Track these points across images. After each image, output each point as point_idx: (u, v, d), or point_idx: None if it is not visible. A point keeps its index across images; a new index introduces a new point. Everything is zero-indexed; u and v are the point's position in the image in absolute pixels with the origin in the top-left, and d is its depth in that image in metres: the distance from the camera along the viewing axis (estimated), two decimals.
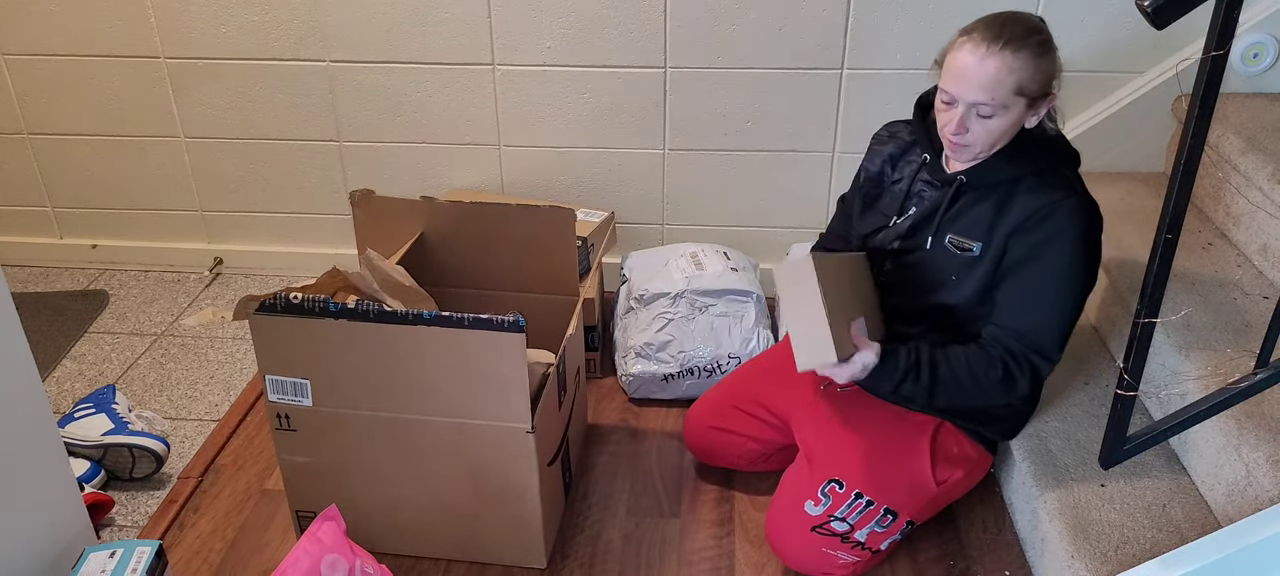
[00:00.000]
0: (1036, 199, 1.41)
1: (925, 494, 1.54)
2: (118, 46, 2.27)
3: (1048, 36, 1.39)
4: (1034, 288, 1.42)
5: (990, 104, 1.36)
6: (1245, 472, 1.37)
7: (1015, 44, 1.34)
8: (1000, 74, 1.34)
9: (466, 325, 1.36)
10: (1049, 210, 1.40)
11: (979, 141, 1.41)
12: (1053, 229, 1.40)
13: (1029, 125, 1.42)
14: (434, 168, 2.35)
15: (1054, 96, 1.41)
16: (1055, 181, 1.42)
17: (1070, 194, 1.41)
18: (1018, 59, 1.34)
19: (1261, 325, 1.42)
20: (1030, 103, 1.38)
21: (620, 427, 1.95)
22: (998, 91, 1.35)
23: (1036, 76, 1.36)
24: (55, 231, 2.57)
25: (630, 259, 2.19)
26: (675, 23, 2.11)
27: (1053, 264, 1.41)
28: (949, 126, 1.41)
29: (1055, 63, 1.39)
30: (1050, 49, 1.38)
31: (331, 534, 1.36)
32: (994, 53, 1.34)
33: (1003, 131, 1.40)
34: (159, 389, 2.09)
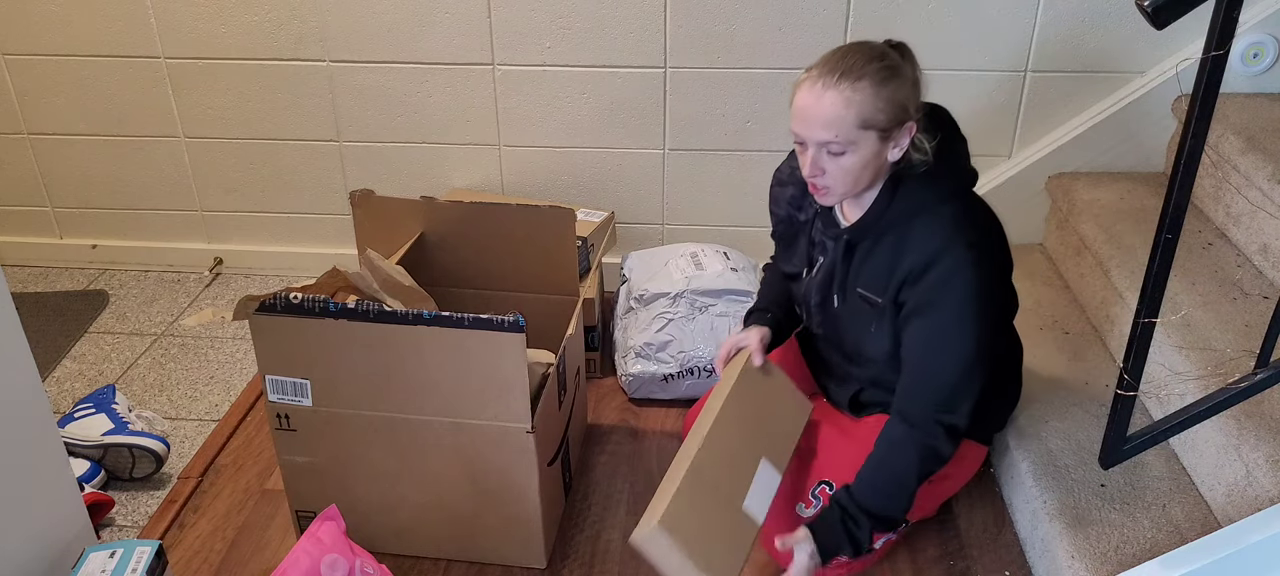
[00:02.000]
0: (924, 246, 1.33)
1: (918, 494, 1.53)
2: (118, 46, 2.27)
3: (894, 62, 1.30)
4: (926, 349, 1.35)
5: (836, 141, 1.29)
6: (1245, 472, 1.37)
7: (852, 75, 1.27)
8: (838, 108, 1.27)
9: (466, 325, 1.36)
10: (934, 258, 1.32)
11: (837, 181, 1.33)
12: (939, 279, 1.32)
13: (892, 158, 1.33)
14: (434, 168, 2.35)
15: (913, 124, 1.32)
16: (939, 224, 1.33)
17: (955, 239, 1.31)
18: (857, 91, 1.27)
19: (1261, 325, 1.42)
20: (882, 134, 1.30)
21: (620, 427, 1.95)
22: (840, 127, 1.28)
23: (881, 106, 1.28)
24: (55, 231, 2.57)
25: (630, 259, 2.19)
26: (675, 23, 2.11)
27: (944, 321, 1.33)
28: (804, 169, 1.35)
29: (906, 89, 1.30)
30: (897, 75, 1.29)
31: (331, 534, 1.36)
32: (830, 87, 1.27)
33: (861, 168, 1.31)
34: (159, 389, 2.09)
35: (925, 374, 1.37)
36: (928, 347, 1.36)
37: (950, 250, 1.31)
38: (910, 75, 1.32)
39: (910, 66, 1.33)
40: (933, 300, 1.33)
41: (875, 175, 1.36)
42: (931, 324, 1.34)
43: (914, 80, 1.33)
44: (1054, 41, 2.06)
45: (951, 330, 1.33)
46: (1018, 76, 2.11)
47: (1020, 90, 2.13)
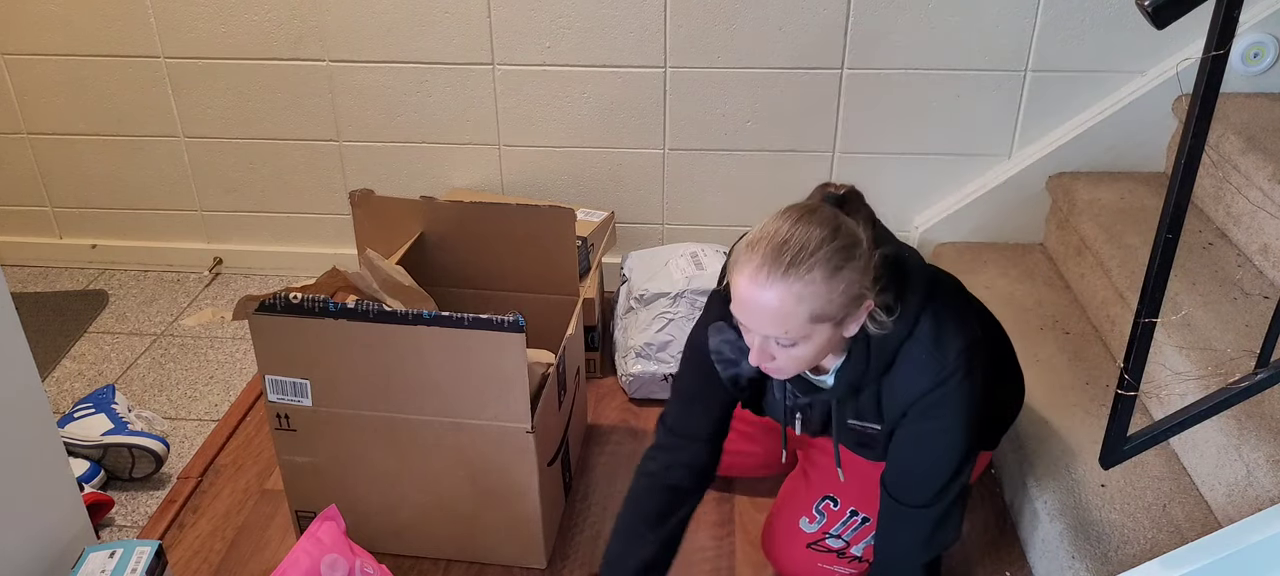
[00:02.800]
0: (911, 385, 1.24)
1: None
2: (118, 46, 2.27)
3: (847, 237, 1.14)
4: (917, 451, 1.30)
5: (786, 336, 1.15)
6: (1245, 472, 1.37)
7: (799, 268, 1.11)
8: (786, 305, 1.12)
9: (466, 325, 1.36)
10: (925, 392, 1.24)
11: (791, 366, 1.21)
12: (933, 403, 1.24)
13: (849, 334, 1.20)
14: (434, 168, 2.35)
15: (870, 302, 1.17)
16: (921, 357, 1.23)
17: (939, 364, 1.22)
18: (807, 285, 1.11)
19: (1261, 325, 1.42)
20: (837, 323, 1.16)
21: (620, 427, 1.95)
22: (790, 323, 1.13)
23: (834, 298, 1.13)
24: (55, 231, 2.57)
25: (630, 259, 2.19)
26: (675, 23, 2.11)
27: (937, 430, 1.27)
28: (752, 357, 1.21)
29: (859, 269, 1.14)
30: (849, 257, 1.13)
31: (331, 534, 1.36)
32: (774, 282, 1.11)
33: (817, 353, 1.19)
34: (159, 389, 2.09)
35: (914, 475, 1.32)
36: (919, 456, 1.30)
37: (940, 381, 1.23)
38: (864, 243, 1.16)
39: (863, 226, 1.17)
40: (926, 418, 1.27)
41: (834, 350, 1.25)
42: (920, 437, 1.28)
43: (869, 245, 1.17)
44: (1054, 41, 2.06)
45: (941, 439, 1.28)
46: (1018, 76, 2.11)
47: (1020, 90, 2.13)
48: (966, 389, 1.24)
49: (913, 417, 1.27)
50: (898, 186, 2.27)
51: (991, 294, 2.07)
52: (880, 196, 2.27)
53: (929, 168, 2.24)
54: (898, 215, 2.30)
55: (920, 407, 1.25)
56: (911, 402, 1.26)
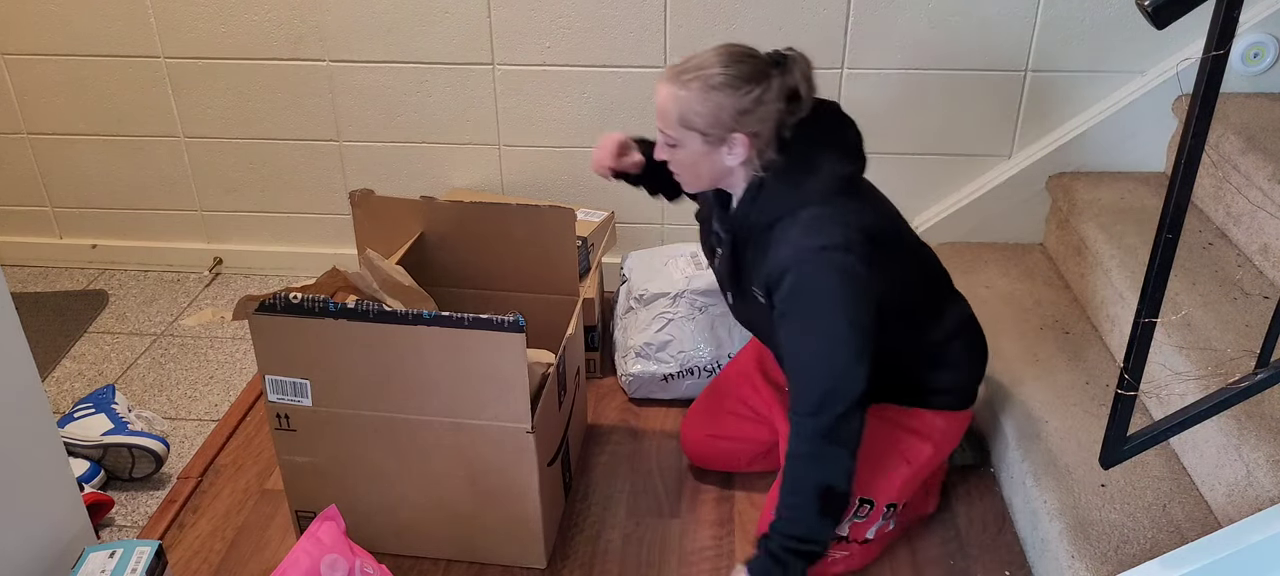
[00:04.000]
0: (778, 255, 1.34)
1: (897, 476, 1.52)
2: (118, 46, 2.27)
3: (740, 73, 1.31)
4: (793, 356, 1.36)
5: (667, 133, 1.37)
6: (1245, 472, 1.37)
7: (687, 76, 1.32)
8: (664, 103, 1.35)
9: (466, 325, 1.36)
10: (786, 267, 1.32)
11: (680, 171, 1.41)
12: (791, 288, 1.32)
13: (730, 164, 1.36)
14: (434, 168, 2.35)
15: (744, 138, 1.33)
16: (792, 232, 1.33)
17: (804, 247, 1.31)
18: (685, 90, 1.32)
19: (1261, 325, 1.42)
20: (705, 138, 1.34)
21: (620, 427, 1.95)
22: (666, 121, 1.35)
23: (701, 112, 1.31)
24: (55, 231, 2.57)
25: (630, 259, 2.19)
26: (675, 23, 2.11)
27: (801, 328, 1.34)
28: (657, 149, 1.43)
29: (737, 101, 1.31)
30: (730, 87, 1.31)
31: (331, 534, 1.36)
32: (667, 80, 1.34)
33: (692, 163, 1.38)
34: (159, 389, 2.09)
35: (796, 380, 1.37)
36: (794, 355, 1.37)
37: (800, 260, 1.32)
38: (759, 91, 1.32)
39: (777, 82, 1.33)
40: (789, 310, 1.34)
41: (719, 174, 1.40)
42: (792, 331, 1.35)
43: (772, 95, 1.32)
44: (1054, 41, 2.06)
45: (809, 337, 1.34)
46: (1018, 76, 2.11)
47: (1020, 90, 2.13)
48: (824, 284, 1.31)
49: (779, 301, 1.36)
50: (898, 186, 2.25)
51: (991, 294, 2.07)
52: None
53: (929, 168, 2.24)
54: None
55: (781, 293, 1.34)
56: (774, 278, 1.35)
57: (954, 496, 1.75)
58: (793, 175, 1.37)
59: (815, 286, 1.32)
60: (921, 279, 1.52)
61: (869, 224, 1.38)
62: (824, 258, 1.32)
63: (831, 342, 1.33)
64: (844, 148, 1.42)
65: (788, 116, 1.35)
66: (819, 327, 1.34)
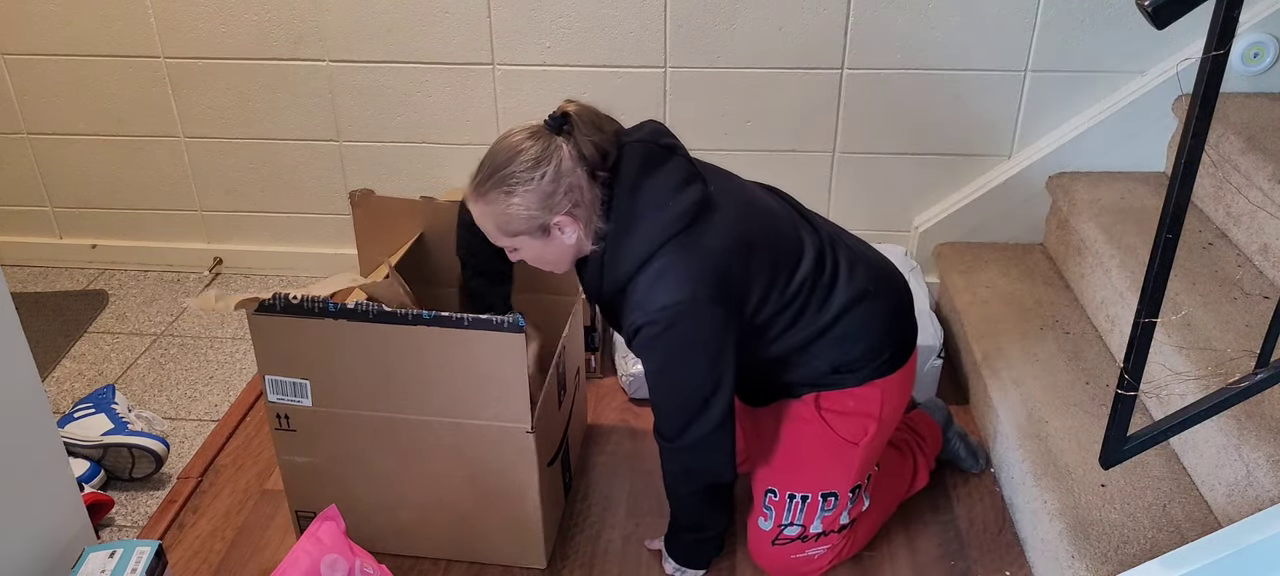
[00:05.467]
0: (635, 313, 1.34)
1: (850, 460, 1.48)
2: (118, 46, 2.27)
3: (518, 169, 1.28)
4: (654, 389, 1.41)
5: (499, 243, 1.37)
6: (1245, 472, 1.37)
7: (484, 187, 1.31)
8: (481, 221, 1.35)
9: (466, 325, 1.36)
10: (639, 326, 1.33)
11: (538, 264, 1.41)
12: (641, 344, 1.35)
13: (570, 241, 1.34)
14: (434, 167, 2.35)
15: (567, 219, 1.31)
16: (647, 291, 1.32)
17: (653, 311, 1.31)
18: (490, 205, 1.31)
19: (1261, 325, 1.42)
20: (532, 236, 1.33)
21: (620, 427, 1.95)
22: (493, 233, 1.36)
23: (514, 216, 1.30)
24: (55, 231, 2.57)
25: None
26: (675, 23, 2.11)
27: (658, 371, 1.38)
28: None
29: (532, 197, 1.29)
30: (525, 180, 1.28)
31: (331, 534, 1.36)
32: (473, 199, 1.34)
33: (538, 258, 1.38)
34: (159, 389, 2.09)
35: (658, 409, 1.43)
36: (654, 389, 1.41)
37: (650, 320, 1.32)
38: (550, 169, 1.28)
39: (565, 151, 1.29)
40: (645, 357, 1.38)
41: (570, 254, 1.39)
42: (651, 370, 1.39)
43: (568, 165, 1.29)
44: (1054, 41, 2.06)
45: (667, 376, 1.38)
46: (1018, 76, 2.11)
47: (1020, 90, 2.13)
48: (666, 341, 1.33)
49: (635, 350, 1.38)
50: (898, 186, 2.27)
51: (992, 294, 2.07)
52: (880, 196, 2.28)
53: (929, 168, 2.24)
54: (898, 215, 2.30)
55: (636, 343, 1.36)
56: (629, 333, 1.36)
57: (954, 497, 1.75)
58: (622, 237, 1.33)
59: (666, 340, 1.33)
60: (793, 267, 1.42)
61: (715, 251, 1.33)
62: (669, 313, 1.31)
63: (687, 386, 1.37)
64: (669, 181, 1.35)
65: (595, 173, 1.32)
66: (674, 370, 1.37)
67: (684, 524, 1.55)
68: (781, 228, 1.44)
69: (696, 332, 1.33)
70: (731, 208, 1.39)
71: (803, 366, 1.46)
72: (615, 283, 1.36)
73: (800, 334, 1.43)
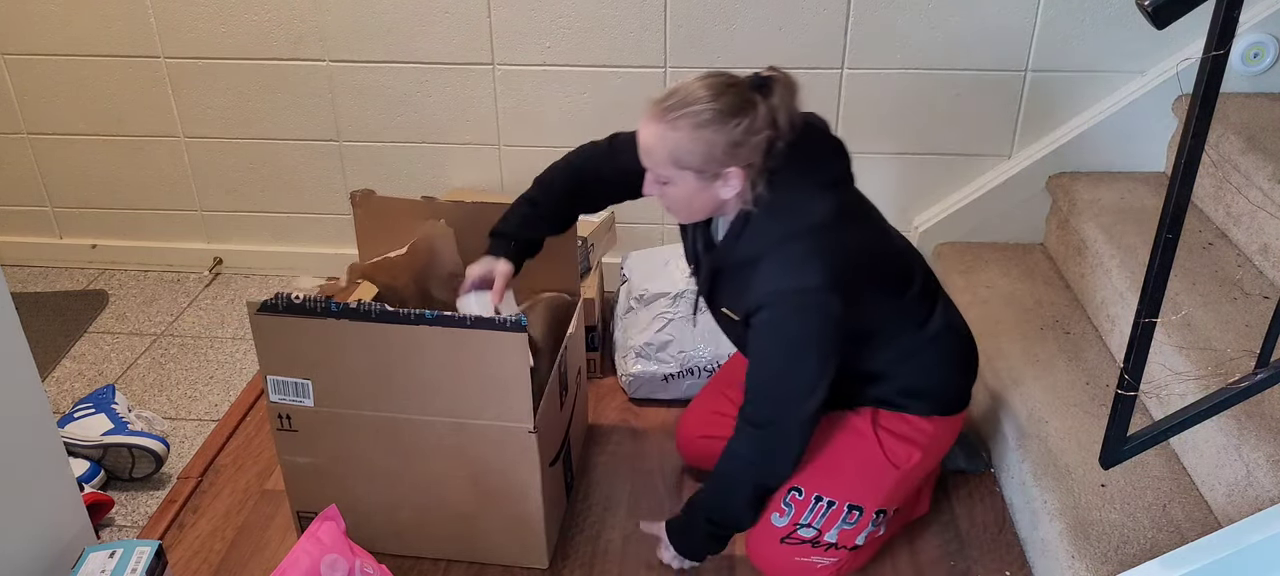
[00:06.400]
0: (761, 287, 1.34)
1: (886, 481, 1.52)
2: (118, 46, 2.27)
3: (727, 105, 1.29)
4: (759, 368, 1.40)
5: (656, 172, 1.34)
6: (1245, 472, 1.37)
7: (673, 113, 1.29)
8: (652, 142, 1.32)
9: (468, 325, 1.36)
10: (766, 302, 1.34)
11: (673, 206, 1.39)
12: (768, 321, 1.35)
13: (724, 196, 1.34)
14: (434, 168, 2.35)
15: (740, 172, 1.31)
16: (776, 269, 1.34)
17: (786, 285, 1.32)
18: (673, 130, 1.29)
19: (1261, 325, 1.42)
20: (698, 175, 1.32)
21: (620, 427, 1.95)
22: (654, 160, 1.33)
23: (694, 149, 1.29)
24: (55, 231, 2.57)
25: (630, 259, 2.19)
26: (675, 23, 2.11)
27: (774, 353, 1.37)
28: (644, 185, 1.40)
29: (727, 135, 1.29)
30: (719, 121, 1.28)
31: (331, 534, 1.36)
32: (654, 119, 1.31)
33: (686, 199, 1.36)
34: (159, 389, 2.09)
35: (753, 390, 1.42)
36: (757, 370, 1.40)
37: (778, 300, 1.33)
38: (747, 121, 1.29)
39: (763, 109, 1.30)
40: (761, 336, 1.37)
41: (714, 207, 1.39)
42: (761, 352, 1.39)
43: (760, 124, 1.30)
44: (1054, 41, 2.06)
45: (775, 361, 1.38)
46: (1018, 76, 2.11)
47: (1020, 90, 2.13)
48: (798, 324, 1.34)
49: (753, 325, 1.37)
50: (898, 186, 2.27)
51: (992, 294, 2.07)
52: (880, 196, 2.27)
53: (929, 168, 2.24)
54: (898, 215, 2.30)
55: (757, 318, 1.36)
56: (753, 309, 1.36)
57: (954, 497, 1.75)
58: (778, 209, 1.35)
59: (789, 325, 1.35)
60: (905, 286, 1.49)
61: (853, 251, 1.37)
62: (801, 299, 1.33)
63: (794, 374, 1.38)
64: (830, 172, 1.41)
65: (775, 142, 1.33)
66: (786, 357, 1.37)
67: (712, 515, 1.51)
68: (899, 246, 1.51)
69: (820, 323, 1.34)
70: (867, 217, 1.46)
71: (880, 383, 1.51)
72: (749, 253, 1.37)
73: (892, 351, 1.48)
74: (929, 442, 1.55)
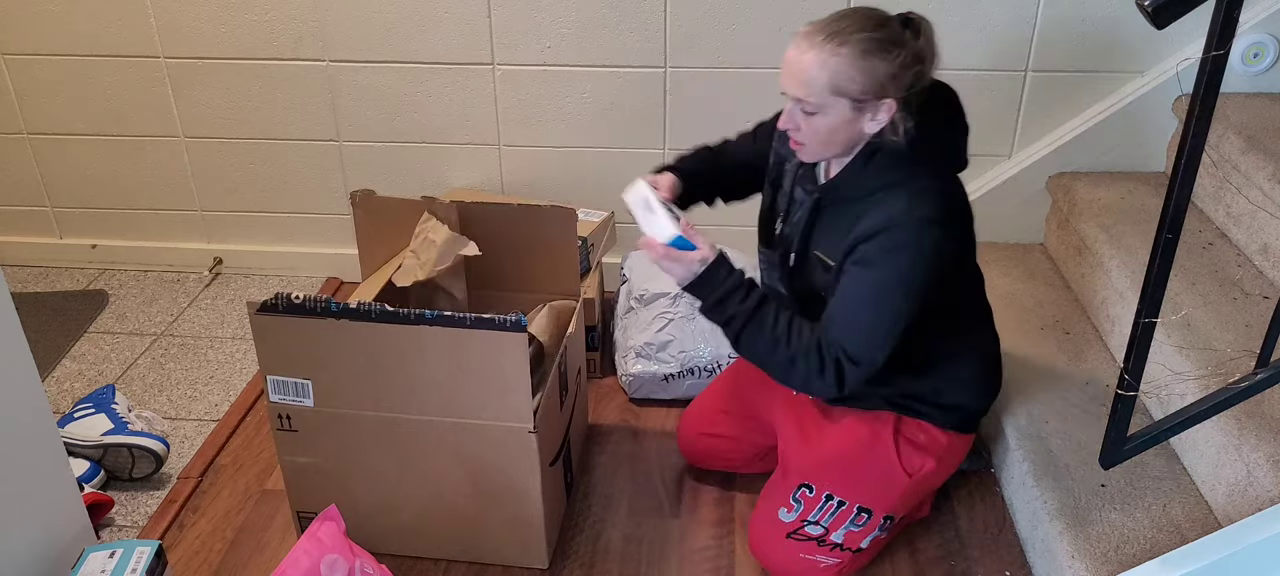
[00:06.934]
0: (881, 213, 1.33)
1: (897, 487, 1.52)
2: (118, 46, 2.27)
3: (888, 36, 1.29)
4: (854, 296, 1.35)
5: (809, 101, 1.30)
6: (1245, 472, 1.37)
7: (836, 40, 1.27)
8: (813, 70, 1.28)
9: (468, 325, 1.36)
10: (888, 225, 1.32)
11: (809, 140, 1.36)
12: (887, 245, 1.32)
13: (870, 130, 1.33)
14: (434, 168, 2.35)
15: (893, 103, 1.31)
16: (903, 201, 1.33)
17: (912, 213, 1.32)
18: (835, 56, 1.27)
19: (1261, 325, 1.42)
20: (855, 104, 1.30)
21: (620, 427, 1.95)
22: (812, 89, 1.29)
23: (856, 77, 1.27)
24: (55, 231, 2.57)
25: (630, 259, 2.19)
26: (675, 23, 2.11)
27: (878, 280, 1.33)
28: (782, 119, 1.38)
29: (890, 65, 1.28)
30: (883, 50, 1.28)
31: (331, 534, 1.36)
32: (813, 46, 1.29)
33: (830, 131, 1.33)
34: (159, 389, 2.09)
35: (844, 314, 1.36)
36: (855, 295, 1.35)
37: (905, 222, 1.31)
38: (904, 54, 1.29)
39: (913, 45, 1.31)
40: (874, 260, 1.33)
41: (851, 142, 1.36)
42: (866, 278, 1.34)
43: (912, 59, 1.30)
44: (1054, 41, 2.06)
45: (881, 291, 1.33)
46: (1018, 76, 2.11)
47: (1020, 90, 2.13)
48: (916, 253, 1.32)
49: (861, 252, 1.34)
50: None
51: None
52: None
53: None
54: None
55: (873, 245, 1.32)
56: (870, 232, 1.32)
57: (954, 497, 1.75)
58: (913, 145, 1.34)
59: (901, 255, 1.31)
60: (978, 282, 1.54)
61: (965, 207, 1.41)
62: (924, 229, 1.32)
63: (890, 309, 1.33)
64: (957, 133, 1.42)
65: (919, 80, 1.33)
66: (890, 287, 1.33)
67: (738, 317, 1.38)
68: None
69: (931, 258, 1.32)
70: None
71: (920, 379, 1.50)
72: (867, 188, 1.36)
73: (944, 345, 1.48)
74: (943, 454, 1.56)
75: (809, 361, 1.35)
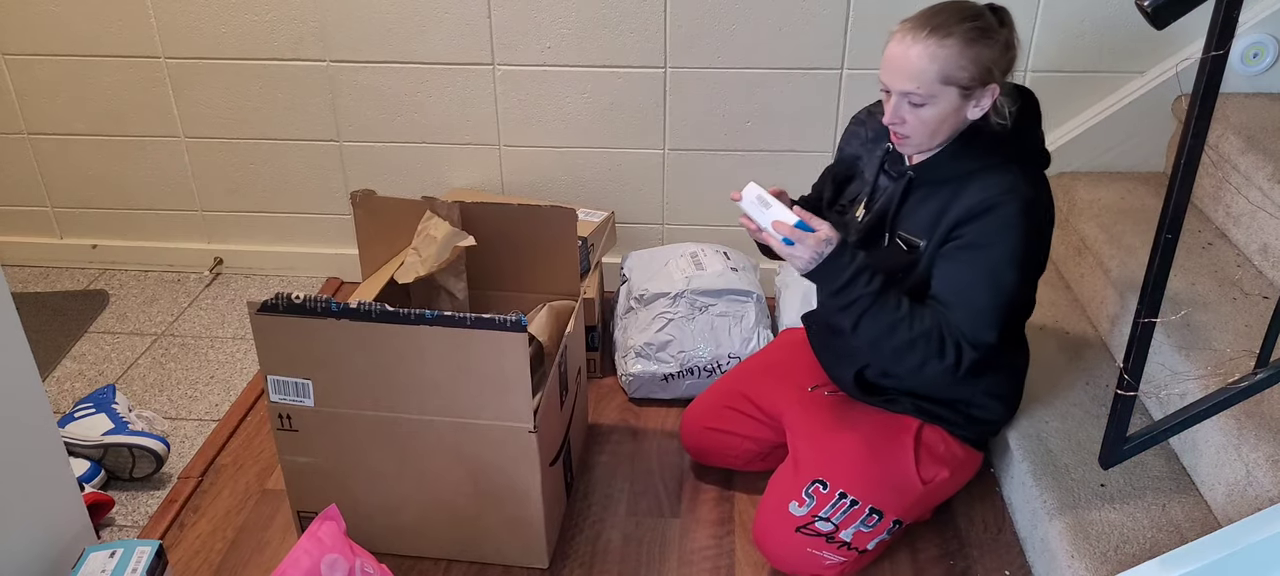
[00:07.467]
0: (986, 191, 1.37)
1: (911, 493, 1.54)
2: (118, 46, 2.27)
3: (986, 24, 1.34)
4: (970, 278, 1.39)
5: (918, 93, 1.34)
6: (1245, 472, 1.37)
7: (941, 32, 1.32)
8: (922, 62, 1.33)
9: (468, 325, 1.36)
10: (996, 203, 1.36)
11: (916, 132, 1.39)
12: (998, 221, 1.36)
13: (972, 116, 1.38)
14: (434, 168, 2.35)
15: (996, 87, 1.36)
16: (1005, 179, 1.37)
17: (1015, 193, 1.36)
18: (943, 47, 1.32)
19: (1261, 325, 1.42)
20: (963, 92, 1.35)
21: (620, 427, 1.95)
22: (922, 80, 1.33)
23: (964, 65, 1.32)
24: (55, 231, 2.57)
25: (630, 259, 2.19)
26: (675, 23, 2.11)
27: (992, 260, 1.37)
28: (886, 115, 1.41)
29: (993, 51, 1.34)
30: (986, 37, 1.33)
31: (331, 534, 1.36)
32: (919, 40, 1.33)
33: (938, 121, 1.37)
34: (159, 389, 2.09)
35: (961, 296, 1.39)
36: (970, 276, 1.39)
37: (1013, 200, 1.36)
38: (1002, 40, 1.35)
39: (1005, 32, 1.36)
40: (985, 241, 1.37)
41: (953, 130, 1.40)
42: (981, 259, 1.38)
43: (1006, 45, 1.36)
44: (1054, 41, 2.06)
45: (998, 269, 1.38)
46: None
47: None
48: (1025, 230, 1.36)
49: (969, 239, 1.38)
50: None
51: None
52: None
53: None
54: None
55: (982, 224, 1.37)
56: (976, 210, 1.37)
57: (954, 497, 1.75)
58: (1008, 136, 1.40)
59: (1012, 233, 1.36)
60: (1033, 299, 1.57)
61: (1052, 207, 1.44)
62: (1033, 209, 1.37)
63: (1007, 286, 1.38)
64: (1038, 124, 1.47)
65: (1011, 67, 1.38)
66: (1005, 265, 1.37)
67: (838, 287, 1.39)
68: None
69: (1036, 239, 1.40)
70: None
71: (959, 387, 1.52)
72: (963, 170, 1.40)
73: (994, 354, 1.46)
74: (958, 466, 1.58)
75: (929, 344, 1.38)
